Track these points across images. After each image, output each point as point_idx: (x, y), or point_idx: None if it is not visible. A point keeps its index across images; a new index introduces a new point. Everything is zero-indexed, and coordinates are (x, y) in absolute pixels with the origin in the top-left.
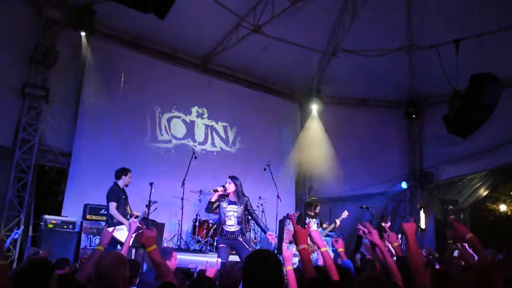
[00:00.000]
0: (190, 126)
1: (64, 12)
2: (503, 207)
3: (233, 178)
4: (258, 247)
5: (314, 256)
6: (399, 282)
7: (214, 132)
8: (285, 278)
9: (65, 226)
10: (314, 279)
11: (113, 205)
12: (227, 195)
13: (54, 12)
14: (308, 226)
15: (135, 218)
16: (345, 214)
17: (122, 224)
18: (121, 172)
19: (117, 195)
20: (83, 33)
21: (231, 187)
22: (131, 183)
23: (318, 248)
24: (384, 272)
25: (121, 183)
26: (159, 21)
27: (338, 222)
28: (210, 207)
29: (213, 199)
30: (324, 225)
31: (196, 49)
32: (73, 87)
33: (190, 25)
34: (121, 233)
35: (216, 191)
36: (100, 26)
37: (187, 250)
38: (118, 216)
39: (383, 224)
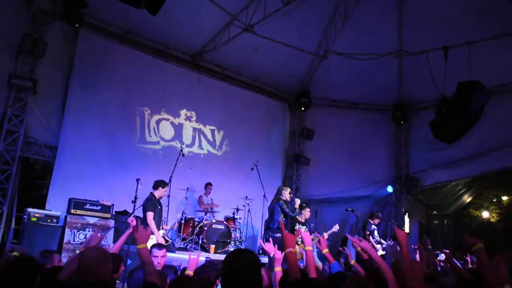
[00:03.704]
0: (178, 128)
1: (54, 3)
2: (485, 214)
3: None
4: (243, 246)
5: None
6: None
7: (201, 135)
8: (273, 279)
9: (48, 220)
10: (297, 280)
11: (150, 215)
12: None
13: (44, 2)
14: (297, 233)
15: (164, 230)
16: (335, 228)
17: (153, 234)
18: (159, 183)
19: (154, 205)
20: (73, 25)
21: None
22: (118, 179)
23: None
24: (369, 275)
25: (157, 194)
26: (151, 17)
27: (326, 235)
28: None
29: None
30: (312, 237)
31: (187, 46)
32: (61, 80)
33: (181, 21)
34: (151, 242)
35: None
36: (90, 19)
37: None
38: (153, 228)
39: (370, 221)
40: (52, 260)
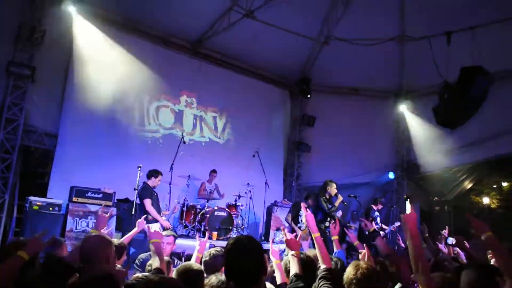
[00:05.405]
0: (179, 115)
1: None
2: (486, 200)
3: None
4: (245, 233)
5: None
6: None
7: (203, 122)
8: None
9: (50, 208)
10: (299, 274)
11: (148, 202)
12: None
13: None
14: (300, 237)
15: (164, 217)
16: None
17: (156, 221)
18: (152, 173)
19: (151, 192)
20: (71, 12)
21: None
22: (119, 167)
23: (311, 233)
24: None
25: (150, 183)
26: (151, 3)
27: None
28: None
29: None
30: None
31: (187, 32)
32: (60, 67)
33: (181, 7)
34: (155, 227)
35: None
36: (89, 6)
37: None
38: (154, 213)
39: (372, 206)
40: (61, 249)
